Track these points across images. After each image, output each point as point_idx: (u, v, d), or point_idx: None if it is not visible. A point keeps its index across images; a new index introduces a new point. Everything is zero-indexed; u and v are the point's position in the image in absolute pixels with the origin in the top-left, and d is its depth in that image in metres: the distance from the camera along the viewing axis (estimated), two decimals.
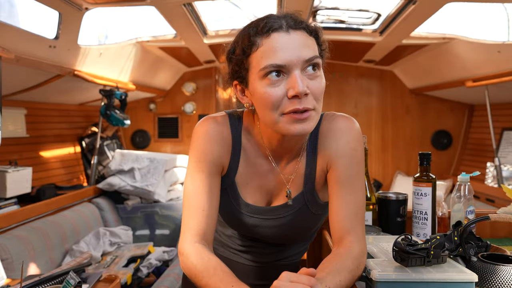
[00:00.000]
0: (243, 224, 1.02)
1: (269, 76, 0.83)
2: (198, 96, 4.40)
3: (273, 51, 0.82)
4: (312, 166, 0.97)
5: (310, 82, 0.84)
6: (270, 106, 0.84)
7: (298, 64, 0.82)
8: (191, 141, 0.97)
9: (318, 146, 0.97)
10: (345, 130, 0.95)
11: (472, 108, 4.12)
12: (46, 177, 3.07)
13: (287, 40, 0.82)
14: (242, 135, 0.99)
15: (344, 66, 4.34)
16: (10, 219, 2.13)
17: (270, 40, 0.83)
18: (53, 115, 3.28)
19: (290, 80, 0.82)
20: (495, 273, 0.86)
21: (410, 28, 2.78)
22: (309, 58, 0.83)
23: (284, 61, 0.81)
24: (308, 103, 0.83)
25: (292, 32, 0.83)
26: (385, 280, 0.82)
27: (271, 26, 0.83)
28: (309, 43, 0.85)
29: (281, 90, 0.83)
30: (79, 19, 2.26)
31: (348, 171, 0.93)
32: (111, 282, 1.34)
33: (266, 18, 0.86)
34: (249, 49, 0.85)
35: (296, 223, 1.00)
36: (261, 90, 0.84)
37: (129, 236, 2.87)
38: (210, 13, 2.87)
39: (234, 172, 0.99)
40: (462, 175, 1.23)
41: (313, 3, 2.52)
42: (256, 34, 0.84)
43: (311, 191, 0.98)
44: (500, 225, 1.35)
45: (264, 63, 0.82)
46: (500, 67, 2.71)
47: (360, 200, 0.93)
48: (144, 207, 3.23)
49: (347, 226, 0.90)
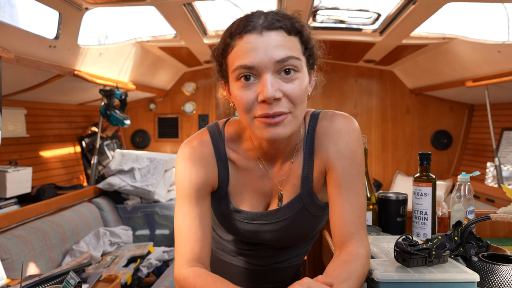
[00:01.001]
0: (242, 231, 1.00)
1: (242, 79, 0.81)
2: (198, 96, 4.40)
3: (243, 52, 0.80)
4: (309, 167, 0.95)
5: (284, 85, 0.80)
6: (243, 109, 0.82)
7: (269, 66, 0.79)
8: (175, 168, 0.97)
9: (315, 146, 0.95)
10: (344, 130, 0.92)
11: (472, 108, 4.12)
12: (46, 177, 3.07)
13: (259, 41, 0.80)
14: (226, 147, 0.97)
15: (344, 66, 4.34)
16: (10, 219, 2.13)
17: (242, 41, 0.81)
18: (53, 115, 3.28)
19: (260, 84, 0.80)
20: (495, 273, 0.86)
21: (410, 28, 2.79)
22: (282, 58, 0.79)
23: (253, 63, 0.79)
24: (281, 107, 0.80)
25: (265, 33, 0.80)
26: (387, 280, 0.82)
27: (245, 27, 0.81)
28: (286, 43, 0.81)
29: (252, 94, 0.81)
30: (79, 19, 2.26)
31: (348, 173, 0.91)
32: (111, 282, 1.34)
33: (246, 17, 0.84)
34: (226, 50, 0.84)
35: (296, 225, 0.98)
36: (235, 93, 0.83)
37: (129, 236, 2.87)
38: (210, 13, 2.88)
39: (226, 183, 0.97)
40: (462, 175, 1.23)
41: (313, 3, 2.52)
42: (231, 34, 0.83)
43: (309, 192, 0.96)
44: (500, 225, 1.35)
45: (235, 64, 0.81)
46: (500, 67, 2.71)
47: (361, 202, 0.91)
48: (144, 207, 3.23)
49: (351, 230, 0.89)
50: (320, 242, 1.41)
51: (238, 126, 0.98)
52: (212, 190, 0.98)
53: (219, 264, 1.10)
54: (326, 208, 1.00)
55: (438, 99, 4.21)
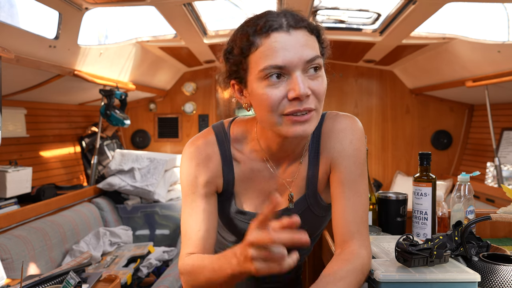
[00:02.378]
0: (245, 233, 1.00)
1: (270, 78, 0.80)
2: (198, 96, 4.40)
3: (273, 51, 0.79)
4: (314, 168, 0.95)
5: (311, 82, 0.82)
6: (269, 107, 0.82)
7: (299, 65, 0.80)
8: (180, 167, 0.98)
9: (320, 147, 0.95)
10: (348, 130, 0.93)
11: (472, 108, 4.12)
12: (46, 177, 3.07)
13: (288, 40, 0.79)
14: (232, 147, 0.97)
15: (344, 66, 4.34)
16: (10, 219, 2.12)
17: (270, 40, 0.80)
18: (53, 115, 3.28)
19: (291, 81, 0.80)
20: (496, 272, 0.86)
21: (410, 28, 2.78)
22: (311, 58, 0.80)
23: (284, 62, 0.79)
24: (310, 104, 0.81)
25: (292, 32, 0.80)
26: (388, 280, 0.82)
27: (271, 26, 0.80)
28: (310, 42, 0.82)
29: (281, 92, 0.80)
30: (79, 19, 2.26)
31: (352, 172, 0.91)
32: (111, 282, 1.34)
33: (265, 16, 0.83)
34: (248, 49, 0.83)
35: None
36: (260, 91, 0.82)
37: (129, 236, 2.87)
38: (210, 13, 2.88)
39: (232, 184, 0.97)
40: (462, 175, 1.23)
41: (313, 3, 2.52)
42: (255, 33, 0.82)
43: (313, 193, 0.96)
44: (500, 225, 1.35)
45: (263, 64, 0.80)
46: (500, 67, 2.71)
47: (364, 202, 0.91)
48: (144, 207, 3.23)
49: (353, 229, 0.88)
50: (320, 242, 1.41)
51: (244, 126, 0.98)
52: (217, 191, 0.98)
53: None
54: (329, 209, 1.00)
55: (438, 99, 4.21)
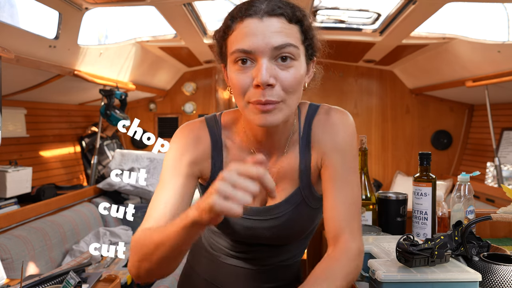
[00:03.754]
0: (239, 228, 0.98)
1: (239, 63, 0.81)
2: (198, 96, 4.40)
3: (242, 36, 0.80)
4: (306, 160, 0.95)
5: (280, 72, 0.80)
6: (238, 92, 0.83)
7: (266, 52, 0.79)
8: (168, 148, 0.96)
9: (311, 140, 0.95)
10: (340, 124, 0.93)
11: (472, 108, 4.12)
12: (46, 177, 3.07)
13: (258, 26, 0.79)
14: (223, 135, 0.97)
15: (344, 66, 4.34)
16: (10, 219, 2.12)
17: (242, 25, 0.80)
18: (53, 115, 3.28)
19: (256, 68, 0.80)
20: (496, 272, 0.86)
21: (410, 28, 2.79)
22: (280, 45, 0.79)
23: (250, 47, 0.79)
24: (273, 96, 0.80)
25: (266, 19, 0.80)
26: (390, 280, 0.82)
27: (246, 11, 0.81)
28: (285, 30, 0.81)
29: (248, 78, 0.81)
30: (79, 19, 2.26)
31: (343, 166, 0.91)
32: (111, 282, 1.34)
33: (249, 1, 0.83)
34: (226, 33, 0.84)
35: (296, 220, 0.97)
36: (231, 75, 0.83)
37: (129, 236, 2.87)
38: (210, 13, 2.88)
39: (219, 171, 0.95)
40: (462, 175, 1.23)
41: (313, 3, 2.52)
42: (232, 18, 0.83)
43: (308, 185, 0.96)
44: (500, 225, 1.35)
45: (233, 48, 0.81)
46: (500, 67, 2.71)
47: (355, 196, 0.91)
48: (144, 207, 3.22)
49: (343, 224, 0.88)
50: (320, 241, 1.41)
51: (233, 116, 0.99)
52: (202, 177, 0.96)
53: (218, 266, 1.09)
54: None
55: (438, 99, 4.21)
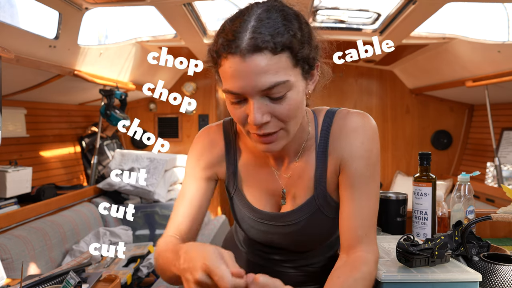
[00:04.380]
0: (256, 231, 0.99)
1: (230, 98, 0.80)
2: (198, 96, 4.39)
3: (228, 76, 0.76)
4: (322, 168, 0.92)
5: (274, 106, 0.77)
6: (237, 121, 0.83)
7: (253, 93, 0.76)
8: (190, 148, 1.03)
9: (329, 146, 0.91)
10: (359, 129, 0.88)
11: (472, 108, 4.12)
12: (46, 177, 3.07)
13: (242, 67, 0.74)
14: (238, 139, 0.98)
15: (344, 66, 4.32)
16: (10, 219, 2.12)
17: (227, 63, 0.76)
18: (53, 115, 3.28)
19: (248, 107, 0.78)
20: (497, 273, 0.86)
21: (410, 28, 2.78)
22: (267, 87, 0.74)
23: (237, 90, 0.76)
24: (270, 128, 0.79)
25: (248, 58, 0.73)
26: (390, 280, 0.82)
27: (229, 47, 0.74)
28: (271, 66, 0.74)
29: (242, 113, 0.79)
30: (79, 19, 2.26)
31: (362, 174, 0.87)
32: (111, 282, 1.34)
33: (233, 28, 0.76)
34: (215, 62, 0.81)
35: (311, 228, 0.95)
36: (228, 105, 0.83)
37: (129, 236, 2.87)
38: (210, 13, 2.87)
39: (235, 178, 0.98)
40: (462, 175, 1.23)
41: (313, 3, 2.52)
42: (217, 49, 0.78)
43: (323, 194, 0.93)
44: (500, 225, 1.35)
45: (223, 85, 0.80)
46: (500, 67, 2.71)
47: (373, 205, 0.88)
48: (144, 207, 3.23)
49: (361, 234, 0.85)
50: None
51: None
52: (220, 178, 1.01)
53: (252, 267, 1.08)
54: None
55: (438, 99, 4.20)
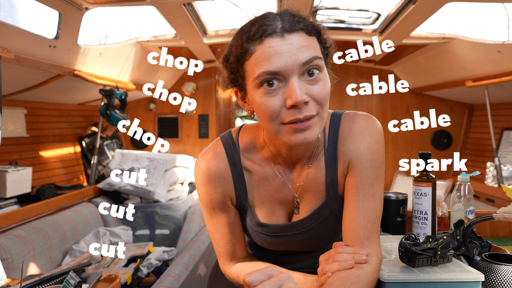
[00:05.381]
0: (269, 243, 1.00)
1: (265, 85, 0.77)
2: (198, 96, 4.39)
3: (266, 57, 0.76)
4: (333, 172, 0.92)
5: (311, 87, 0.78)
6: (268, 117, 0.79)
7: (294, 70, 0.76)
8: (195, 181, 1.01)
9: (338, 150, 0.91)
10: (366, 132, 0.89)
11: (472, 108, 4.12)
12: (46, 177, 3.07)
13: (282, 44, 0.76)
14: (242, 158, 0.96)
15: (344, 66, 4.33)
16: (10, 219, 2.12)
17: (263, 46, 0.76)
18: (53, 115, 3.28)
19: (287, 88, 0.77)
20: (498, 272, 0.86)
21: (410, 28, 2.78)
22: (307, 60, 0.76)
23: (278, 68, 0.75)
24: (310, 110, 0.78)
25: (287, 36, 0.76)
26: (393, 280, 0.82)
27: (265, 31, 0.77)
28: (308, 43, 0.78)
29: (278, 100, 0.77)
30: (79, 19, 2.26)
31: (367, 175, 0.88)
32: (111, 282, 1.34)
33: (260, 20, 0.79)
34: (243, 57, 0.80)
35: (323, 230, 0.96)
36: (258, 100, 0.79)
37: (129, 236, 2.87)
38: (210, 13, 2.87)
39: (245, 198, 0.97)
40: (462, 175, 1.24)
41: (313, 3, 2.52)
42: (248, 40, 0.78)
43: (335, 198, 0.93)
44: (500, 225, 1.35)
45: (258, 71, 0.77)
46: (500, 67, 2.70)
47: (378, 207, 0.88)
48: (144, 207, 3.23)
49: (363, 235, 0.86)
50: None
51: (252, 134, 0.96)
52: (232, 203, 0.99)
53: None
54: None
55: (438, 99, 4.20)
